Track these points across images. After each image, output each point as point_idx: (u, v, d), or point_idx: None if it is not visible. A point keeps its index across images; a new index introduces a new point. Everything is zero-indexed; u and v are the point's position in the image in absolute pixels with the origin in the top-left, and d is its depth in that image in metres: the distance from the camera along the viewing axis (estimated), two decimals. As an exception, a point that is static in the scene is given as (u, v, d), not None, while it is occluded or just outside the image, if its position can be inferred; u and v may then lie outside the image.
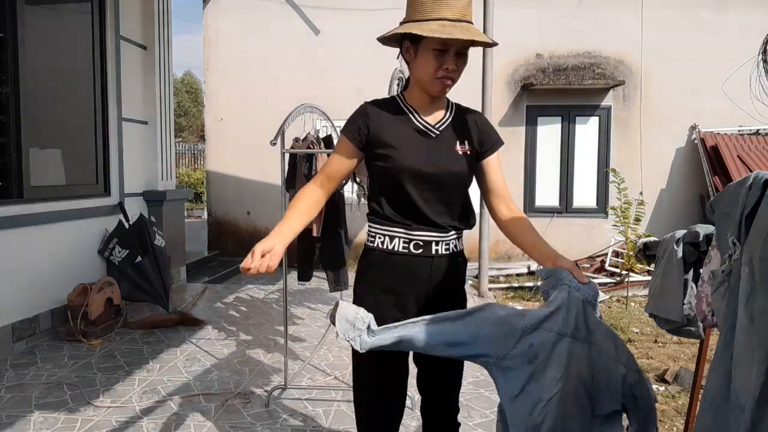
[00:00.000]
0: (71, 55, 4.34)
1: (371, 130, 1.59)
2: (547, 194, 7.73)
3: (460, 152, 1.61)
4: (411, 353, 1.62)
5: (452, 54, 1.52)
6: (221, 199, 7.95)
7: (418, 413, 1.79)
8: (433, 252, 1.60)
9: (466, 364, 1.61)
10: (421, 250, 1.59)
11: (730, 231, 1.18)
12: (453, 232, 1.64)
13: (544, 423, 1.31)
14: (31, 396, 2.91)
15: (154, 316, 4.28)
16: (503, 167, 1.71)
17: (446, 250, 1.62)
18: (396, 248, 1.59)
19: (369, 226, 1.65)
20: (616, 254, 6.83)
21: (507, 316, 1.41)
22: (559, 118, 7.66)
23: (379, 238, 1.61)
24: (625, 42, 7.40)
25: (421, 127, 1.61)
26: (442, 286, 1.63)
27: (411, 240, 1.59)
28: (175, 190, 5.70)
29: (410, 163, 1.56)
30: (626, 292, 5.86)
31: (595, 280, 6.35)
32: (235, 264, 7.10)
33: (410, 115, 1.62)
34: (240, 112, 7.69)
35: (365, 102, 1.65)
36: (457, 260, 1.67)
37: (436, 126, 1.62)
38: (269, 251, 1.43)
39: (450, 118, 1.65)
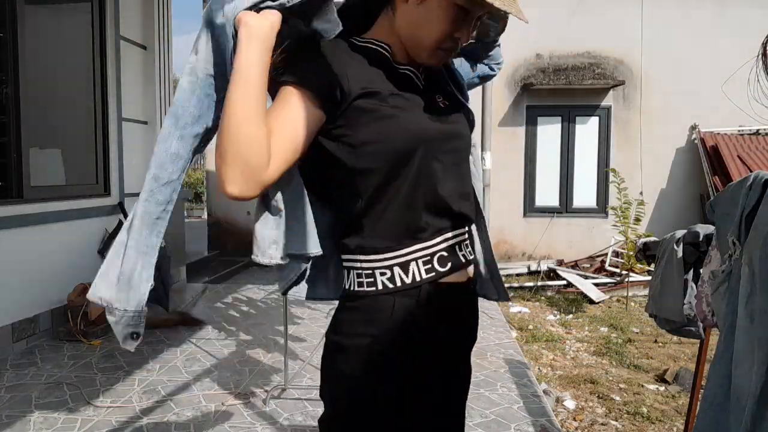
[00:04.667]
0: (71, 55, 4.34)
1: (351, 89, 1.00)
2: (547, 194, 7.73)
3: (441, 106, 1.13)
4: None
5: (474, 19, 1.05)
6: (221, 199, 7.95)
7: None
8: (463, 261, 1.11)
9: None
10: (449, 265, 1.08)
11: (730, 231, 1.18)
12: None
13: None
14: (31, 396, 2.90)
15: (154, 316, 4.28)
16: (503, 167, 1.52)
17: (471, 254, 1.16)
18: (417, 277, 1.04)
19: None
20: (616, 254, 6.83)
21: None
22: (559, 118, 7.67)
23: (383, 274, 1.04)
24: (625, 42, 7.40)
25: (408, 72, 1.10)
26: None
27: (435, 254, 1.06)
28: (175, 190, 5.69)
29: (423, 127, 1.04)
30: (626, 292, 5.86)
31: (595, 280, 6.36)
32: (235, 264, 7.09)
33: (390, 59, 1.08)
34: (240, 112, 7.68)
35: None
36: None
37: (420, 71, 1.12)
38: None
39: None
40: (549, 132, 7.70)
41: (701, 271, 1.81)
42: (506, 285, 5.52)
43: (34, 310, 3.76)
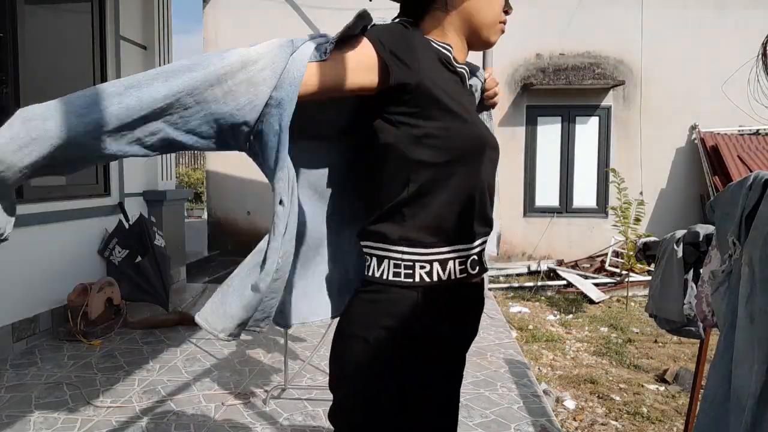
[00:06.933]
0: (71, 55, 4.34)
1: (422, 75, 0.99)
2: (547, 194, 7.73)
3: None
4: None
5: None
6: (221, 199, 7.95)
7: None
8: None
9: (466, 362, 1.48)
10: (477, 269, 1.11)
11: (730, 231, 1.18)
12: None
13: None
14: (31, 396, 2.90)
15: (154, 316, 4.28)
16: (503, 167, 1.54)
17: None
18: (452, 275, 1.06)
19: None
20: (616, 254, 6.83)
21: None
22: (559, 118, 7.67)
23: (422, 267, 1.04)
24: (625, 42, 7.40)
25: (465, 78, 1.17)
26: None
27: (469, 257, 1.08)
28: (175, 190, 5.70)
29: (484, 133, 1.08)
30: (626, 292, 5.86)
31: (595, 280, 6.36)
32: (235, 264, 7.09)
33: (451, 59, 1.11)
34: (240, 112, 7.67)
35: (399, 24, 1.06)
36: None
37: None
38: None
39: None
40: (549, 132, 7.70)
41: (701, 271, 1.81)
42: (506, 285, 5.49)
43: (34, 310, 3.77)
